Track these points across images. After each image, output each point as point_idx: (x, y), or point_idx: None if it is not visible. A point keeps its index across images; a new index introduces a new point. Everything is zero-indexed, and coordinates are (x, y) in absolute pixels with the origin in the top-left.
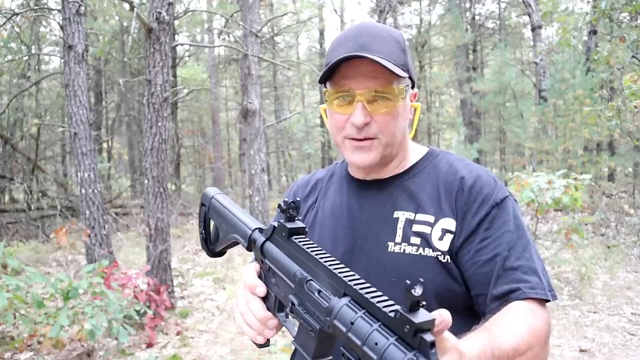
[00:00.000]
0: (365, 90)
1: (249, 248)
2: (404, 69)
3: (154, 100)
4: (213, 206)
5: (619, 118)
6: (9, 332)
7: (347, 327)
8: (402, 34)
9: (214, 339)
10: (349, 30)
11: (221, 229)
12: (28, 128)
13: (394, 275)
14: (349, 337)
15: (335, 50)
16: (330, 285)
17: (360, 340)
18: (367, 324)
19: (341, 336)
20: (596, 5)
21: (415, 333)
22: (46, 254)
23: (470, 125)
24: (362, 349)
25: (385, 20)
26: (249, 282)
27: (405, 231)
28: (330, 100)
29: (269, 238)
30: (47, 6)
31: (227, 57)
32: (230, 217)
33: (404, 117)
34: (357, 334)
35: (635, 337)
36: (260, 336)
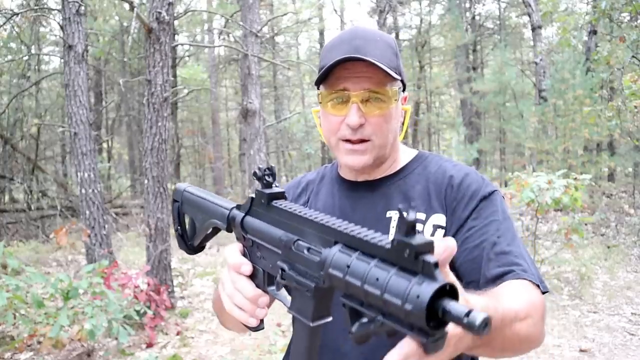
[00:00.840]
0: (360, 91)
1: (228, 229)
2: (396, 72)
3: (154, 100)
4: (186, 199)
5: (619, 118)
6: (9, 332)
7: (344, 272)
8: (394, 39)
9: (214, 339)
10: (343, 33)
11: (197, 220)
12: (28, 128)
13: None
14: (348, 282)
15: (330, 53)
16: (319, 239)
17: (359, 281)
18: (363, 264)
19: (339, 284)
20: (596, 5)
21: (416, 256)
22: (46, 254)
23: (470, 125)
24: (363, 288)
25: (385, 20)
26: (233, 261)
27: (398, 231)
28: (325, 102)
29: (248, 212)
30: (47, 6)
31: (227, 57)
32: (205, 204)
33: (397, 119)
34: (355, 275)
35: (635, 337)
36: (252, 318)
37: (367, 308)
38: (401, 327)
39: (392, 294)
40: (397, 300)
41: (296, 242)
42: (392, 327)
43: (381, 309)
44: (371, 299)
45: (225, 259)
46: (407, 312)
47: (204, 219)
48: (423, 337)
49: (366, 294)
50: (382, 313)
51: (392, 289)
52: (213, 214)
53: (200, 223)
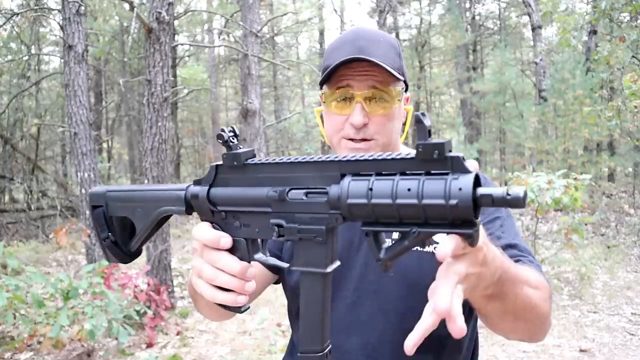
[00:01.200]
0: (364, 90)
1: (188, 210)
2: (399, 72)
3: (154, 100)
4: (114, 198)
5: (619, 118)
6: (9, 332)
7: (367, 197)
8: (397, 40)
9: (214, 339)
10: (346, 34)
11: (136, 217)
12: (28, 128)
13: (391, 271)
14: (375, 205)
15: (333, 54)
16: (319, 179)
17: (389, 199)
18: (387, 182)
19: (363, 211)
20: (596, 5)
21: (445, 156)
22: (46, 254)
23: (470, 125)
24: (396, 204)
25: (385, 20)
26: (209, 236)
27: None
28: (329, 102)
29: (212, 183)
30: (47, 6)
31: (227, 57)
32: (147, 195)
33: (399, 119)
34: (382, 195)
35: (635, 337)
36: (241, 296)
37: (399, 225)
38: (441, 228)
39: (431, 197)
40: (439, 201)
41: (289, 191)
42: (428, 234)
43: (418, 218)
44: (407, 212)
45: (195, 239)
46: (453, 207)
47: (148, 211)
48: (468, 229)
49: (400, 209)
50: (417, 224)
51: (429, 192)
52: (162, 201)
53: (141, 219)
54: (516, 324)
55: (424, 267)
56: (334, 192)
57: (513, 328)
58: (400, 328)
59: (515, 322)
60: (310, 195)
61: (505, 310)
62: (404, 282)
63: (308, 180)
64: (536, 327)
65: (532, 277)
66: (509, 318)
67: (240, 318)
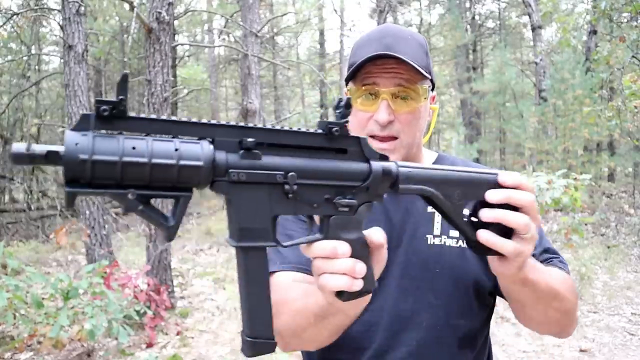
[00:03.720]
0: (390, 87)
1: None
2: (427, 70)
3: (154, 100)
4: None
5: (619, 118)
6: (9, 332)
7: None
8: (425, 38)
9: (214, 339)
10: (373, 32)
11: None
12: (28, 128)
13: (437, 267)
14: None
15: (360, 50)
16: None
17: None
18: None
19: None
20: (596, 5)
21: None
22: (46, 254)
23: (470, 125)
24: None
25: (385, 20)
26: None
27: (442, 224)
28: (354, 99)
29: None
30: (47, 6)
31: (227, 57)
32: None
33: (425, 118)
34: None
35: (635, 337)
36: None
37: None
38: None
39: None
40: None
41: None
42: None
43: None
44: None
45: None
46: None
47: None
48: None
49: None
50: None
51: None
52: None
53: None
54: (547, 313)
55: (468, 264)
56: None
57: (545, 318)
58: (446, 324)
59: (546, 311)
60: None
61: (537, 297)
62: (449, 279)
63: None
64: (565, 319)
65: (559, 273)
66: (540, 307)
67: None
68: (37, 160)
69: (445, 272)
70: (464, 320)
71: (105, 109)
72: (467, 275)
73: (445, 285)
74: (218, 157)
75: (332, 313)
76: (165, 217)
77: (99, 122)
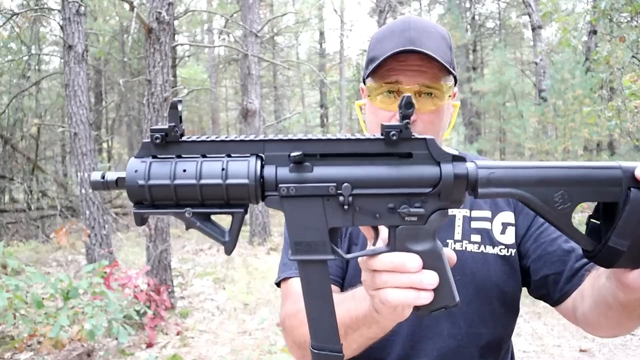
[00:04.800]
0: (414, 85)
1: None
2: (450, 66)
3: (154, 100)
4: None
5: (618, 118)
6: (9, 332)
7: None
8: (448, 31)
9: (214, 339)
10: (394, 24)
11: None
12: (28, 128)
13: (457, 273)
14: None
15: (380, 44)
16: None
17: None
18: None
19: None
20: (596, 5)
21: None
22: (46, 254)
23: (470, 125)
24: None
25: (385, 20)
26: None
27: (464, 228)
28: (374, 96)
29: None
30: (47, 6)
31: (227, 57)
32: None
33: (448, 116)
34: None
35: (635, 337)
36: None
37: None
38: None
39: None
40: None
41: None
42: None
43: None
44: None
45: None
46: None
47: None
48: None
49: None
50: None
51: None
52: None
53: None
54: (632, 321)
55: (490, 270)
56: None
57: (632, 323)
58: (467, 332)
59: (630, 320)
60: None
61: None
62: (470, 286)
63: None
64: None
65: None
66: (635, 315)
67: (240, 318)
68: (110, 186)
69: (467, 279)
70: (485, 328)
71: (157, 137)
72: (489, 281)
73: (467, 293)
74: (267, 172)
75: (367, 325)
76: (223, 232)
77: (157, 148)
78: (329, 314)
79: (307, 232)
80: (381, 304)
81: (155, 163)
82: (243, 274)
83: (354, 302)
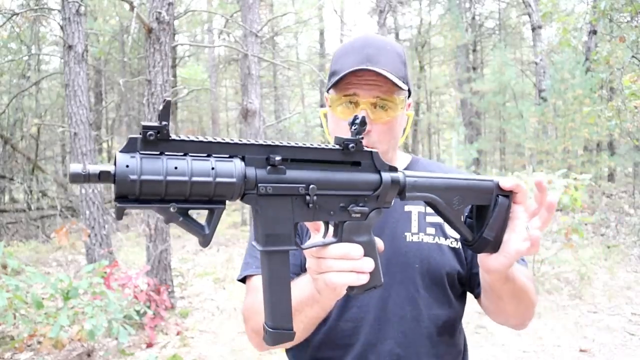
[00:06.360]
0: (369, 98)
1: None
2: (404, 81)
3: (154, 100)
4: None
5: (618, 118)
6: (9, 332)
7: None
8: (403, 48)
9: (214, 339)
10: (355, 41)
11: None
12: (28, 128)
13: (416, 262)
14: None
15: (341, 59)
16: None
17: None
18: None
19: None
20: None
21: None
22: (46, 254)
23: (470, 125)
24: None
25: (385, 20)
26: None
27: (420, 222)
28: (334, 106)
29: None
30: (47, 6)
31: (227, 57)
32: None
33: (401, 126)
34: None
35: (635, 337)
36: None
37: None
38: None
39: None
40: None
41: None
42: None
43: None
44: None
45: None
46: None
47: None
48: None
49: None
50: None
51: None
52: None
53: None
54: (518, 307)
55: (444, 259)
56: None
57: (515, 311)
58: (427, 314)
59: (518, 305)
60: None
61: (514, 292)
62: (427, 272)
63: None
64: (529, 312)
65: (526, 270)
66: (514, 301)
67: (240, 318)
68: (92, 179)
69: (424, 266)
70: (442, 310)
71: (151, 133)
72: (443, 268)
73: (424, 278)
74: (248, 173)
75: (310, 305)
76: (202, 226)
77: (143, 144)
78: (286, 298)
79: (276, 226)
80: (325, 285)
81: (146, 159)
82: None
83: (297, 288)
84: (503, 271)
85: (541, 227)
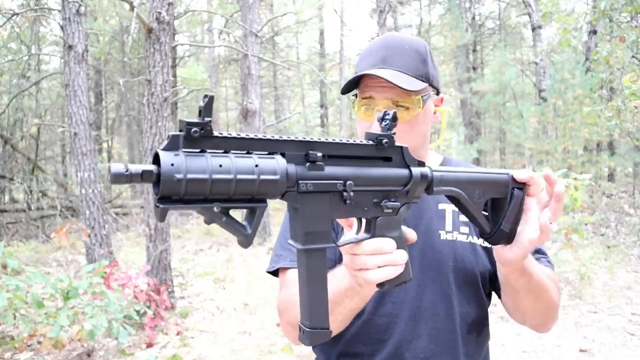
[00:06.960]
0: (383, 100)
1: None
2: (422, 79)
3: (154, 100)
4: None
5: (618, 118)
6: (9, 332)
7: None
8: (426, 44)
9: (214, 339)
10: (376, 42)
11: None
12: (28, 128)
13: (450, 260)
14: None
15: (362, 61)
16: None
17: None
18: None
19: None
20: (596, 5)
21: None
22: (46, 254)
23: (470, 125)
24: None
25: (385, 20)
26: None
27: (454, 221)
28: (358, 107)
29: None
30: (47, 6)
31: (227, 57)
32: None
33: (425, 123)
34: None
35: (635, 337)
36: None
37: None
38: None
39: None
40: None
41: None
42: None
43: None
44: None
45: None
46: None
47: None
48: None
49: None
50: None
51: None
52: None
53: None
54: (536, 304)
55: (477, 258)
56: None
57: (533, 308)
58: (459, 312)
59: (535, 302)
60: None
61: (530, 288)
62: (461, 271)
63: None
64: (551, 312)
65: (548, 270)
66: (531, 297)
67: (240, 318)
68: (134, 179)
69: (458, 264)
70: (472, 308)
71: (196, 130)
72: (477, 267)
73: (457, 277)
74: (290, 170)
75: (350, 297)
76: (244, 226)
77: (186, 141)
78: (324, 297)
79: (316, 224)
80: (364, 282)
81: (190, 157)
82: (243, 274)
83: (335, 280)
84: (518, 262)
85: (552, 218)
